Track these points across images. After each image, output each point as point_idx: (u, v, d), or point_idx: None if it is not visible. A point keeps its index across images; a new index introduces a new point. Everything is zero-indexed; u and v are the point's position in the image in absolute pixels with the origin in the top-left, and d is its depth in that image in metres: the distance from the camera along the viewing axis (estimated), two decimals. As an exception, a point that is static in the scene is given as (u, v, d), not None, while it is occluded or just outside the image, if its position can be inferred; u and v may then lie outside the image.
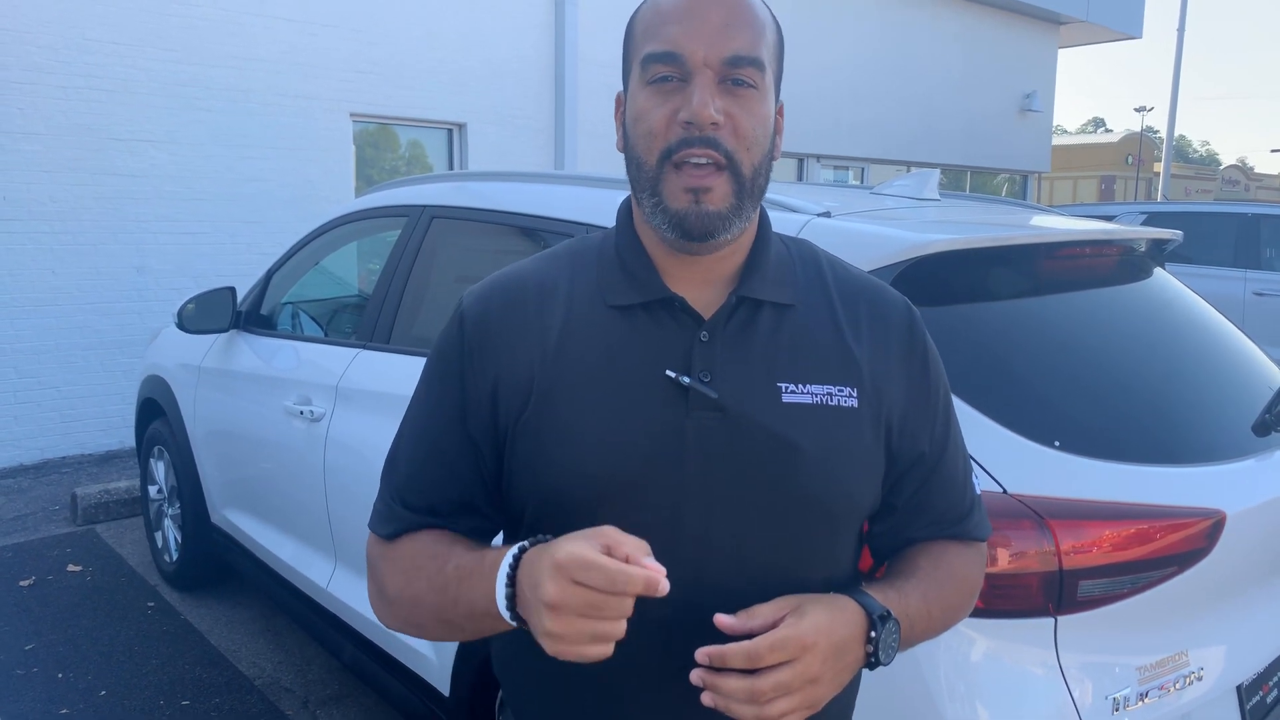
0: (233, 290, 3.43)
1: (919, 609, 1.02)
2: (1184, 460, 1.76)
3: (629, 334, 1.00)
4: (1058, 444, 1.63)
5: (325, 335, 3.36)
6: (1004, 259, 1.97)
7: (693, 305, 1.00)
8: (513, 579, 0.89)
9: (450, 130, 7.35)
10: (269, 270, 3.49)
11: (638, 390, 0.98)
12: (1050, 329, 1.94)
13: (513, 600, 0.89)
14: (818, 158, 10.53)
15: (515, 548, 0.91)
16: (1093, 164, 38.30)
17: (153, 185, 5.84)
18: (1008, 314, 1.93)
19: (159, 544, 4.07)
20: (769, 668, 0.87)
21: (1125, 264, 2.27)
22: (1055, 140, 17.96)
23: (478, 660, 2.13)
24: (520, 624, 0.90)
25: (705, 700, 0.89)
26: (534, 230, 2.43)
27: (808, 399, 0.99)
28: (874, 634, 0.94)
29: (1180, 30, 18.05)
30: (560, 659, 0.84)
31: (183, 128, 5.91)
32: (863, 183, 10.04)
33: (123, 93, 5.67)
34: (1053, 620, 1.54)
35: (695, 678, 0.89)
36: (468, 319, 1.04)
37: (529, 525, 1.02)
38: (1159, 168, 24.00)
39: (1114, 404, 1.84)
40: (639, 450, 0.97)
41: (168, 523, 3.99)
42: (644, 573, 0.81)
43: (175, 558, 3.93)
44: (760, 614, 0.91)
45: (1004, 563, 1.51)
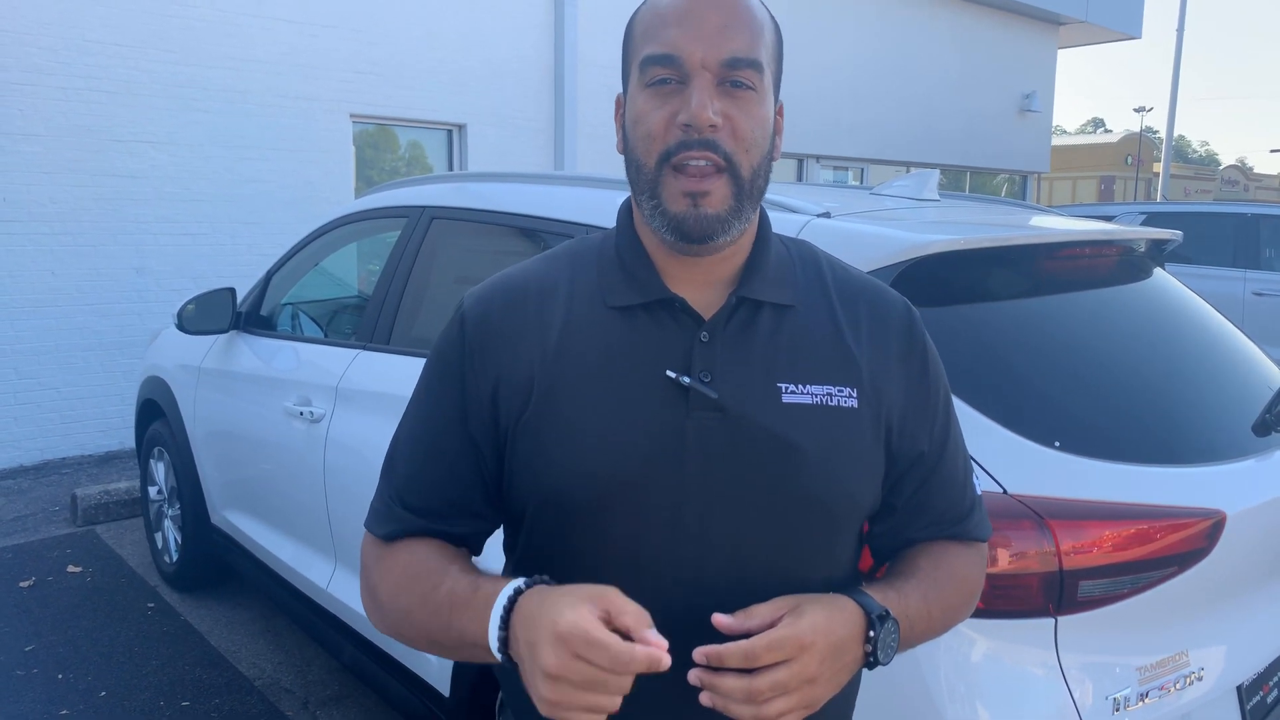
0: (232, 291, 3.43)
1: (919, 609, 1.01)
2: (1184, 460, 1.76)
3: (629, 334, 1.00)
4: (1058, 444, 1.63)
5: (325, 336, 3.36)
6: (1004, 259, 1.97)
7: (693, 306, 1.00)
8: (506, 622, 0.89)
9: (450, 131, 7.35)
10: (269, 271, 3.49)
11: (638, 390, 0.98)
12: (1050, 329, 1.94)
13: (505, 643, 0.90)
14: (817, 158, 10.53)
15: (510, 587, 0.91)
16: (1092, 164, 38.31)
17: (152, 186, 5.85)
18: (1007, 314, 1.93)
19: (159, 545, 4.07)
20: (766, 667, 0.87)
21: (1125, 264, 2.27)
22: (1055, 141, 17.96)
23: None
24: (510, 664, 0.90)
25: (703, 700, 0.89)
26: (534, 231, 2.43)
27: (808, 399, 0.99)
28: (872, 634, 0.94)
29: (1179, 30, 18.07)
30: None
31: (182, 129, 5.91)
32: (862, 183, 10.03)
33: (123, 94, 5.67)
34: (1053, 620, 1.54)
35: (693, 677, 0.89)
36: (468, 320, 1.04)
37: (529, 525, 1.03)
38: (1158, 168, 24.00)
39: (1114, 404, 1.84)
40: (639, 450, 0.97)
41: (168, 523, 3.99)
42: (648, 653, 0.81)
43: (175, 558, 3.93)
44: (758, 614, 0.91)
45: (1004, 563, 1.51)
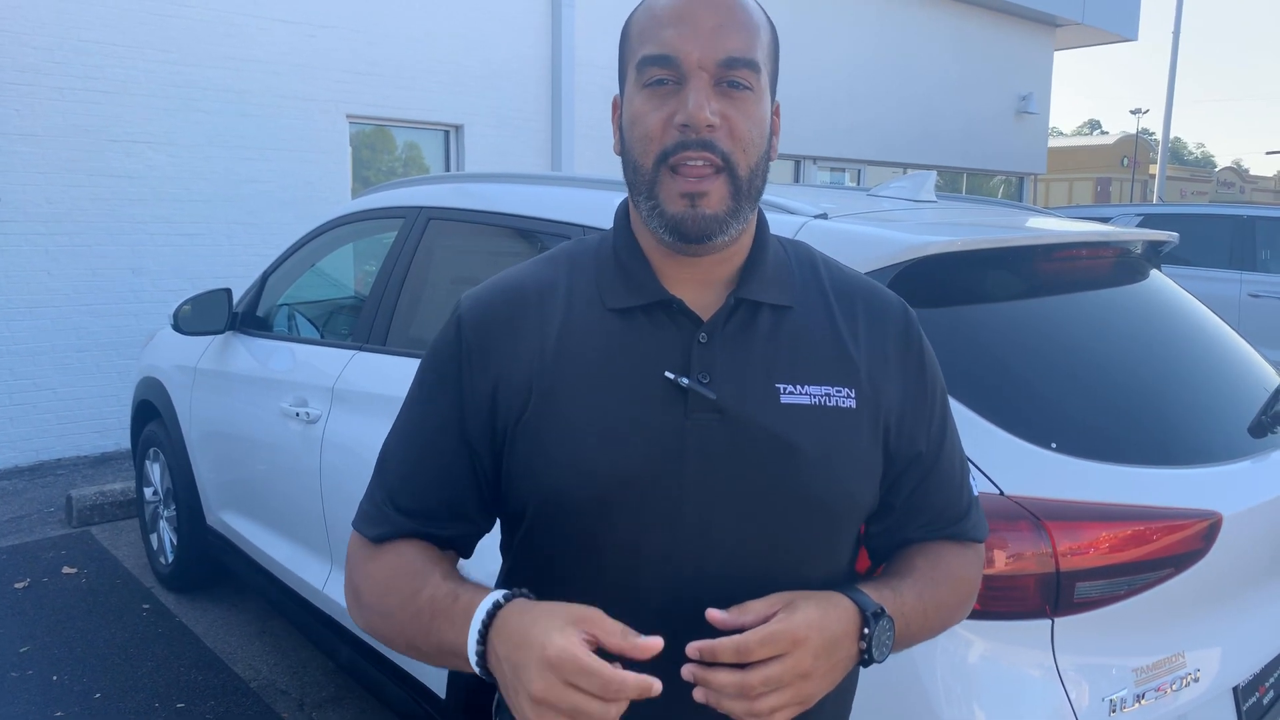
0: (229, 292, 3.43)
1: (914, 608, 1.02)
2: (1180, 462, 1.76)
3: (628, 336, 1.00)
4: (1054, 445, 1.63)
5: (321, 337, 3.36)
6: (1001, 261, 1.98)
7: (691, 307, 1.00)
8: (484, 636, 0.89)
9: (447, 131, 7.34)
10: (265, 271, 3.48)
11: (637, 392, 0.98)
12: (1047, 331, 1.94)
13: (483, 656, 0.90)
14: (814, 159, 10.54)
15: (489, 601, 0.91)
16: (1088, 166, 38.37)
17: (149, 187, 5.84)
18: (1004, 316, 1.94)
19: (154, 546, 4.07)
20: (760, 662, 0.87)
21: (1121, 266, 2.27)
22: (1051, 142, 17.98)
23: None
24: (489, 678, 0.90)
25: (697, 696, 0.89)
26: (531, 232, 2.43)
27: (806, 400, 0.99)
28: (867, 631, 0.94)
29: (1176, 33, 18.09)
30: None
31: (179, 129, 5.90)
32: (859, 184, 10.06)
33: (120, 94, 5.66)
34: (1049, 622, 1.54)
35: (686, 673, 0.89)
36: (466, 322, 1.04)
37: (528, 525, 1.03)
38: (1154, 170, 24.05)
39: (1111, 406, 1.84)
40: (639, 450, 0.97)
41: (163, 525, 3.98)
42: (637, 680, 0.81)
43: (171, 560, 3.92)
44: (752, 609, 0.91)
45: (1001, 564, 1.51)
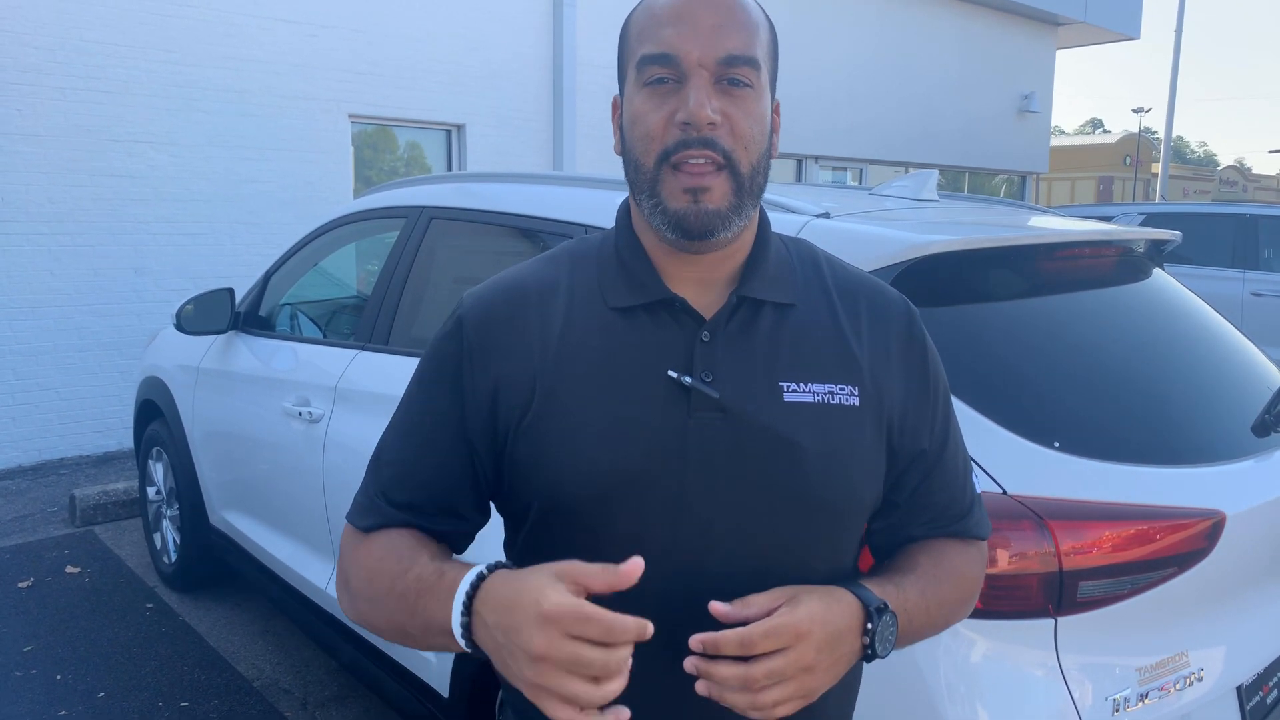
0: (231, 291, 3.43)
1: (917, 604, 1.02)
2: (1183, 461, 1.76)
3: (630, 335, 1.00)
4: (1057, 445, 1.63)
5: (324, 336, 3.36)
6: (1003, 260, 1.97)
7: (693, 306, 1.00)
8: (469, 607, 0.89)
9: (449, 131, 7.35)
10: (267, 271, 3.49)
11: (640, 391, 0.98)
12: (1049, 330, 1.94)
13: (468, 628, 0.89)
14: (816, 159, 10.54)
15: (473, 573, 0.90)
16: (1091, 165, 38.34)
17: (151, 186, 5.84)
18: (1007, 314, 1.93)
19: (157, 545, 4.07)
20: (763, 655, 0.87)
21: (1124, 265, 2.27)
22: (1053, 141, 17.97)
23: (477, 661, 2.12)
24: (475, 650, 0.90)
25: (699, 689, 0.89)
26: (533, 231, 2.43)
27: (809, 398, 0.99)
28: (870, 626, 0.94)
29: (1178, 31, 18.08)
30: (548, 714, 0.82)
31: (181, 129, 5.91)
32: (861, 184, 10.04)
33: (121, 94, 5.67)
34: (1053, 621, 1.54)
35: (689, 665, 0.89)
36: (467, 321, 1.04)
37: (532, 523, 1.03)
38: (1157, 168, 24.04)
39: (1113, 404, 1.84)
40: (642, 449, 0.97)
41: (166, 524, 3.99)
42: (637, 622, 0.81)
43: (174, 559, 3.93)
44: (755, 602, 0.91)
45: (1004, 564, 1.51)
